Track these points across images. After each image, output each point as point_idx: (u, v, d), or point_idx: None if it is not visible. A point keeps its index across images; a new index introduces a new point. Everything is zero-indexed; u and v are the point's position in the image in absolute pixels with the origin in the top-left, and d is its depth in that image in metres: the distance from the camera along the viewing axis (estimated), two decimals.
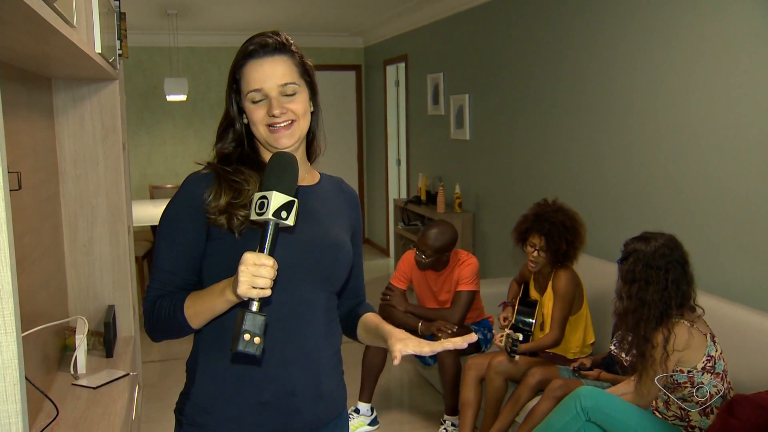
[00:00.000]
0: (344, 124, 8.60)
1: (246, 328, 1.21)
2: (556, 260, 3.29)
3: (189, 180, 1.46)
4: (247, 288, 1.23)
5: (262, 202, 1.25)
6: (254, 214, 1.26)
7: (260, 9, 6.31)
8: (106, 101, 3.07)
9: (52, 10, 1.40)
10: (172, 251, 1.43)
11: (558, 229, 3.26)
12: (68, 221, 3.05)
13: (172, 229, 1.44)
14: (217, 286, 1.35)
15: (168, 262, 1.44)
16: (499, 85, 5.07)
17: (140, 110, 7.82)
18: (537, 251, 3.30)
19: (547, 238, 3.26)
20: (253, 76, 1.42)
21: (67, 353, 2.83)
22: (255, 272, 1.23)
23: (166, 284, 1.44)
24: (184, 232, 1.43)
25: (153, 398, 4.01)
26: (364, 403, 3.71)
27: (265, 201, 1.25)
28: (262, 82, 1.42)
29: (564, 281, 3.26)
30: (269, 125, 1.43)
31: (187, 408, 1.47)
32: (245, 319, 1.22)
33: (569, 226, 3.27)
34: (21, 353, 1.04)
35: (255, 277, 1.23)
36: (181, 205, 1.44)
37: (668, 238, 2.57)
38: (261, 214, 1.24)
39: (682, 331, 2.45)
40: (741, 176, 2.95)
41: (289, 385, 1.43)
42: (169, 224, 1.45)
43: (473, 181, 5.59)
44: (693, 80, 3.18)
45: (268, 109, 1.42)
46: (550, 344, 3.27)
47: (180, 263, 1.43)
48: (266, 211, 1.24)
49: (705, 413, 2.47)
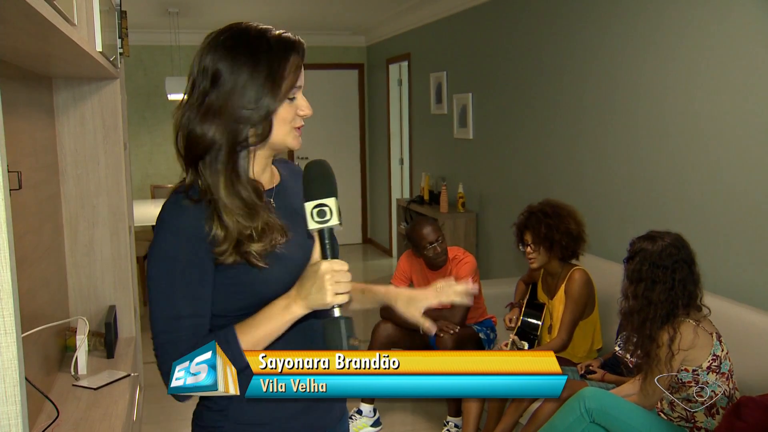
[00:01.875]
0: (347, 123, 8.59)
1: (347, 332, 1.25)
2: (556, 253, 3.27)
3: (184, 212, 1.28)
4: (333, 296, 1.25)
5: (322, 210, 1.27)
6: (313, 224, 1.27)
7: (262, 7, 6.31)
8: (107, 100, 3.06)
9: (52, 8, 1.38)
10: (192, 293, 1.28)
11: (537, 216, 3.29)
12: (69, 221, 3.03)
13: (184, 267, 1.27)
14: (274, 308, 1.29)
15: (192, 305, 1.28)
16: (503, 84, 5.05)
17: (141, 109, 7.82)
18: (529, 246, 3.31)
19: (531, 231, 3.29)
20: (297, 72, 1.33)
21: (67, 354, 2.82)
22: (337, 279, 1.25)
23: (196, 332, 1.28)
24: (199, 267, 1.28)
25: (154, 399, 4.00)
26: (367, 405, 3.70)
27: (326, 209, 1.27)
28: (302, 80, 1.34)
29: (578, 284, 3.24)
30: (297, 127, 1.36)
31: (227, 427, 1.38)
32: (343, 324, 1.25)
33: (549, 213, 3.27)
34: (21, 354, 1.04)
35: (337, 284, 1.25)
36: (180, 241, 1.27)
37: (675, 238, 2.55)
38: (324, 221, 1.27)
39: (687, 331, 2.44)
40: (748, 176, 2.93)
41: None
42: (176, 264, 1.27)
43: (476, 181, 5.58)
44: (699, 78, 3.16)
45: (297, 108, 1.35)
46: (557, 348, 3.24)
47: (204, 302, 1.30)
48: (331, 218, 1.27)
49: (710, 413, 2.46)
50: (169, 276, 1.27)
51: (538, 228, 3.27)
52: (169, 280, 1.27)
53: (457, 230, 5.43)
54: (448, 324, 3.54)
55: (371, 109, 8.55)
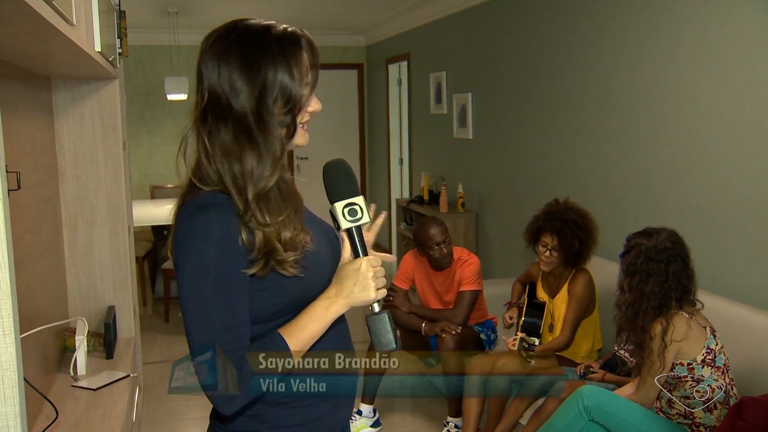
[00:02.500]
0: (346, 123, 8.59)
1: (393, 325, 1.30)
2: (569, 260, 3.27)
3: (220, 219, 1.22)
4: (376, 291, 1.30)
5: (353, 209, 1.31)
6: (346, 223, 1.31)
7: (261, 7, 6.30)
8: (106, 100, 3.06)
9: (51, 8, 1.38)
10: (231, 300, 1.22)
11: (570, 227, 3.24)
12: (68, 221, 3.03)
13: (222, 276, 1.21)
14: (317, 308, 1.29)
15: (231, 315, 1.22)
16: (503, 84, 5.05)
17: (140, 109, 7.81)
18: (549, 251, 3.28)
19: (559, 237, 3.24)
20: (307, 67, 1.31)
21: (66, 354, 2.82)
22: (377, 274, 1.30)
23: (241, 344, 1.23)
24: (236, 275, 1.22)
25: (154, 400, 3.99)
26: (367, 405, 3.69)
27: (357, 207, 1.31)
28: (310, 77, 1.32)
29: (582, 284, 3.25)
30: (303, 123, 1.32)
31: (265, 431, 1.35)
32: (388, 318, 1.30)
33: (581, 225, 3.25)
34: (20, 355, 1.04)
35: (378, 279, 1.30)
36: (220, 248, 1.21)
37: (670, 233, 2.59)
38: (356, 219, 1.31)
39: (680, 322, 2.45)
40: (747, 175, 2.93)
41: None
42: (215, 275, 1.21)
43: (476, 181, 5.57)
44: (698, 78, 3.15)
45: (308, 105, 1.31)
46: (561, 346, 3.24)
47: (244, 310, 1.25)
48: (363, 215, 1.31)
49: (708, 409, 2.46)
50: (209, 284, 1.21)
51: (571, 240, 3.22)
52: (207, 290, 1.21)
53: (456, 230, 5.42)
54: (449, 325, 3.53)
55: (371, 108, 8.55)
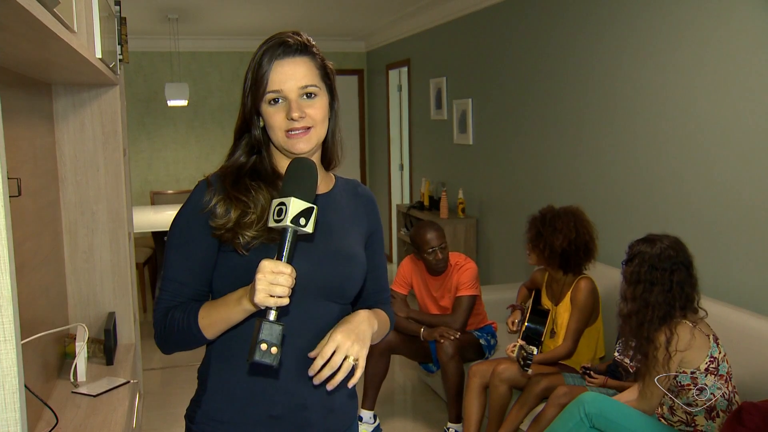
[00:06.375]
0: (347, 128, 8.60)
1: (263, 337, 1.18)
2: (556, 264, 3.27)
3: (199, 188, 1.42)
4: (265, 296, 1.20)
5: (281, 209, 1.22)
6: (272, 221, 1.23)
7: (262, 13, 6.31)
8: (106, 107, 3.06)
9: (52, 15, 1.38)
10: (182, 262, 1.40)
11: (535, 220, 3.35)
12: (68, 228, 3.03)
13: (183, 240, 1.40)
14: (232, 296, 1.31)
15: (179, 272, 1.40)
16: (503, 90, 5.06)
17: (141, 115, 7.82)
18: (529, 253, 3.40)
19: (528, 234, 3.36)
20: (272, 77, 1.37)
21: (67, 361, 2.81)
22: (273, 280, 1.20)
23: (177, 295, 1.40)
24: (195, 243, 1.39)
25: (154, 406, 3.99)
26: (367, 411, 3.68)
27: (284, 208, 1.22)
28: (281, 84, 1.37)
29: (584, 293, 3.23)
30: (288, 131, 1.38)
31: (198, 416, 1.44)
32: (262, 328, 1.19)
33: (560, 228, 3.25)
34: (20, 361, 1.04)
35: (273, 286, 1.20)
36: (191, 215, 1.40)
37: (673, 240, 2.57)
38: (279, 221, 1.22)
39: (684, 332, 2.44)
40: (747, 181, 2.93)
41: (300, 399, 1.41)
42: (179, 234, 1.41)
43: (476, 187, 5.57)
44: (698, 83, 3.16)
45: (287, 112, 1.37)
46: (563, 356, 3.23)
47: (191, 274, 1.40)
48: (284, 217, 1.21)
49: (710, 417, 2.45)
50: (173, 242, 1.42)
51: (532, 233, 3.34)
52: (172, 245, 1.42)
53: (457, 236, 5.43)
54: (448, 330, 3.53)
55: (371, 114, 8.55)
